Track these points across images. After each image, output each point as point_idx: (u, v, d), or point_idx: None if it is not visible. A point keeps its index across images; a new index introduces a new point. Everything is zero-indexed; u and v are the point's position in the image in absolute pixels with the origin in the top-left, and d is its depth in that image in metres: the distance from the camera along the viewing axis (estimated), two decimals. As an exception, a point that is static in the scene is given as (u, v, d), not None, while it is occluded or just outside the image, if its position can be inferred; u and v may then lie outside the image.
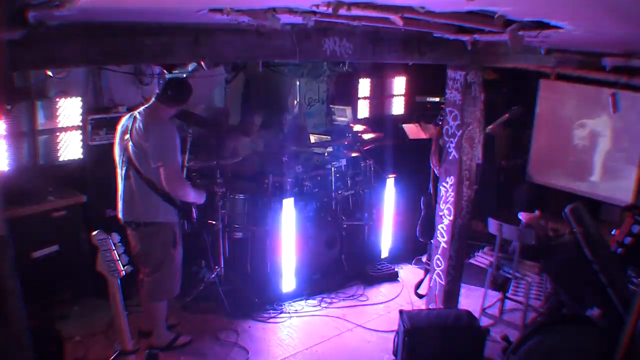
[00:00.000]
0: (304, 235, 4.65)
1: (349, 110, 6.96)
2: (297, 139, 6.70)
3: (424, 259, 5.27)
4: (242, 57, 3.41)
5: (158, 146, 3.28)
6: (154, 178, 3.33)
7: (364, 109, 7.35)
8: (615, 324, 2.60)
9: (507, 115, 5.09)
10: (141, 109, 3.45)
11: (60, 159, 4.39)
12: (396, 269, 5.23)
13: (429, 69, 4.99)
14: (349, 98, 7.11)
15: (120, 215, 3.51)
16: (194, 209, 3.67)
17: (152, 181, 3.33)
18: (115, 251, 2.58)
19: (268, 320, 4.28)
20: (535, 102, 6.08)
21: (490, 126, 5.11)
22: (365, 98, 7.34)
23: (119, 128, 3.50)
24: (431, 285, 4.15)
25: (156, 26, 2.22)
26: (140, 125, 3.30)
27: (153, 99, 3.48)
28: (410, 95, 7.71)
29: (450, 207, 3.85)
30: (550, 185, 6.07)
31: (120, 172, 3.46)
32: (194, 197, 3.56)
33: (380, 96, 7.53)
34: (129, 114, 3.48)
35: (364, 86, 7.28)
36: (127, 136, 3.36)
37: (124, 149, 3.39)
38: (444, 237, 3.95)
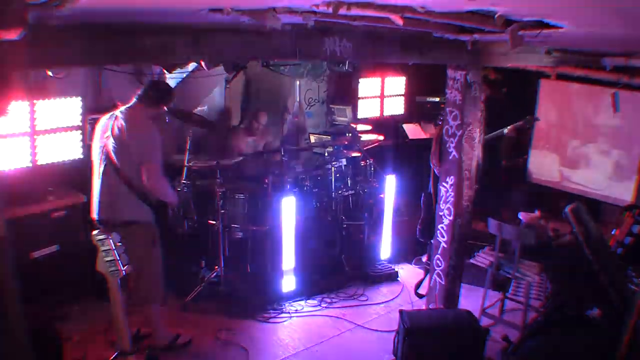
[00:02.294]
0: (304, 235, 4.65)
1: (349, 110, 6.96)
2: (297, 138, 6.71)
3: (424, 258, 5.27)
4: (242, 57, 3.41)
5: (141, 144, 3.29)
6: (132, 176, 3.32)
7: (364, 109, 7.35)
8: (615, 324, 2.60)
9: (521, 122, 5.09)
10: (122, 108, 3.45)
11: (60, 159, 4.39)
12: (396, 269, 5.23)
13: (429, 69, 4.99)
14: (349, 98, 7.12)
15: (94, 214, 3.45)
16: (169, 210, 3.66)
17: (130, 179, 3.33)
18: (115, 251, 2.58)
19: (268, 320, 4.28)
20: (536, 102, 6.08)
21: (510, 128, 5.10)
22: (365, 98, 7.34)
23: (98, 127, 3.49)
24: (431, 285, 4.15)
25: (156, 26, 2.22)
26: (123, 122, 3.31)
27: (134, 99, 3.49)
28: (410, 95, 7.71)
29: (451, 207, 3.85)
30: (550, 185, 6.07)
31: (97, 170, 3.44)
32: (171, 196, 3.56)
33: (380, 96, 7.53)
34: (110, 114, 3.47)
35: (365, 86, 7.28)
36: (108, 134, 3.36)
37: (103, 147, 3.39)
38: (444, 237, 3.95)
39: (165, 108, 3.60)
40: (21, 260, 3.78)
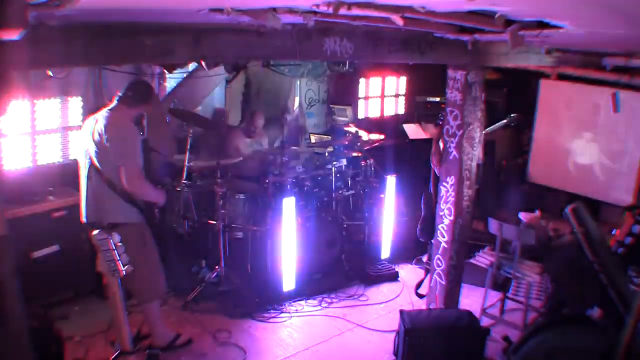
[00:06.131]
0: (304, 235, 4.65)
1: (349, 110, 6.96)
2: (298, 138, 6.71)
3: (424, 258, 5.27)
4: (242, 57, 3.41)
5: (118, 146, 3.29)
6: (114, 178, 3.33)
7: (364, 109, 7.35)
8: (616, 324, 2.60)
9: (505, 121, 5.09)
10: (104, 110, 3.44)
11: (60, 159, 4.40)
12: (396, 269, 5.23)
13: (430, 69, 4.99)
14: (349, 98, 7.12)
15: (83, 217, 3.47)
16: (156, 210, 3.64)
17: (113, 181, 3.33)
18: (115, 251, 2.58)
19: (268, 320, 4.28)
20: (536, 102, 6.08)
21: (487, 130, 5.09)
22: (365, 98, 7.34)
23: (83, 130, 3.49)
24: (432, 285, 4.15)
25: (156, 26, 2.22)
26: (102, 125, 3.31)
27: (115, 101, 3.47)
28: (410, 95, 7.71)
29: (451, 207, 3.85)
30: (550, 185, 6.07)
31: (83, 173, 3.45)
32: (154, 197, 3.53)
33: (380, 96, 7.53)
34: (92, 117, 3.47)
35: (365, 86, 7.28)
36: (90, 137, 3.36)
37: (86, 150, 3.40)
38: (444, 237, 3.95)
39: (148, 108, 3.57)
40: (21, 260, 3.78)
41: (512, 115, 5.10)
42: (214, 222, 4.48)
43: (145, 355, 3.49)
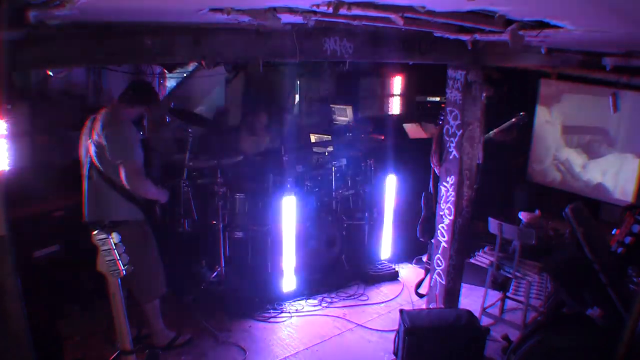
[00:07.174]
0: (304, 235, 4.65)
1: (349, 110, 6.95)
2: (298, 138, 6.71)
3: (424, 258, 5.27)
4: (242, 57, 3.41)
5: (117, 144, 3.30)
6: (114, 177, 3.34)
7: (364, 109, 7.34)
8: (616, 324, 2.60)
9: (514, 120, 5.05)
10: (104, 110, 3.45)
11: (60, 159, 4.39)
12: (396, 269, 5.23)
13: (429, 69, 4.98)
14: (350, 98, 7.11)
15: (85, 217, 3.48)
16: (157, 208, 3.63)
17: (113, 180, 3.34)
18: (115, 251, 2.58)
19: (269, 320, 4.28)
20: (536, 102, 6.08)
21: (494, 131, 5.05)
22: (366, 98, 7.33)
23: (84, 129, 3.50)
24: (432, 284, 4.16)
25: (156, 26, 2.22)
26: (100, 124, 3.33)
27: (116, 100, 3.49)
28: (410, 95, 7.69)
29: (451, 206, 3.85)
30: (550, 185, 6.07)
31: (84, 172, 3.47)
32: (155, 194, 3.53)
33: (380, 96, 7.52)
34: (92, 116, 3.48)
35: (364, 86, 7.27)
36: (89, 136, 3.38)
37: (87, 150, 3.41)
38: (444, 236, 3.95)
39: (148, 108, 3.57)
40: (22, 260, 3.77)
41: (521, 113, 5.05)
42: (215, 222, 4.48)
43: (145, 355, 3.49)
